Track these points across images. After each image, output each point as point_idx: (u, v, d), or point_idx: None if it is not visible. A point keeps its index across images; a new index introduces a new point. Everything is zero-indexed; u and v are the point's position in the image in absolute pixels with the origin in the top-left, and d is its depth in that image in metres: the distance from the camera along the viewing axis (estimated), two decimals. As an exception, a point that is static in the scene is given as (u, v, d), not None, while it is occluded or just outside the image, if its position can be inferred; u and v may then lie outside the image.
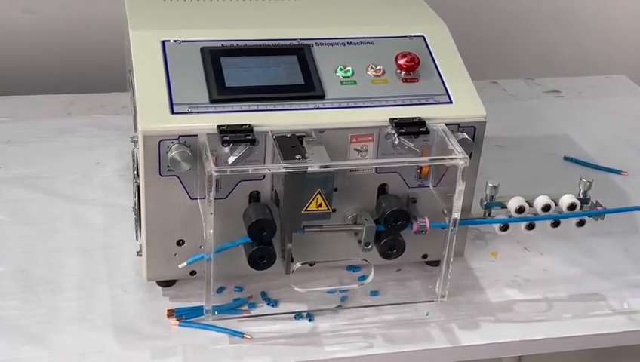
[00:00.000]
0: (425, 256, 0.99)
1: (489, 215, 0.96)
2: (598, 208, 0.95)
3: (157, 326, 0.91)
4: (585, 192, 0.96)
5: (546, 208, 0.94)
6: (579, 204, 0.95)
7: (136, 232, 0.97)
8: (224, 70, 0.91)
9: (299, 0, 1.03)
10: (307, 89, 0.92)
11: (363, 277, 0.99)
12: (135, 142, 0.94)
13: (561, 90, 1.42)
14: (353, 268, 1.01)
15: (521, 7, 1.52)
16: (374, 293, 0.97)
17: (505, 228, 0.96)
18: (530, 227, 0.96)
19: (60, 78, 1.37)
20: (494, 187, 0.95)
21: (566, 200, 0.95)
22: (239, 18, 0.99)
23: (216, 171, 0.83)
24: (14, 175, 1.13)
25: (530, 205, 0.95)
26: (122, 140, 1.16)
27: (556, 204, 0.95)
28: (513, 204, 0.95)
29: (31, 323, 0.91)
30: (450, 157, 0.88)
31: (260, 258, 0.89)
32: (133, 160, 0.95)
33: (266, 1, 1.02)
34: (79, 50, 1.38)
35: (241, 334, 0.91)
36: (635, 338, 0.95)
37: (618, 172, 1.19)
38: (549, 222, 0.96)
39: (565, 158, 1.22)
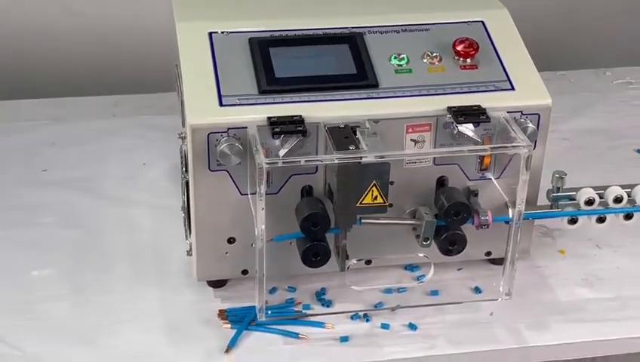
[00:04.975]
0: (488, 254, 1.01)
1: (556, 208, 0.96)
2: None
3: (208, 327, 0.94)
4: (660, 183, 0.97)
5: (618, 200, 0.95)
6: (654, 195, 0.97)
7: (185, 231, 1.00)
8: (273, 60, 0.94)
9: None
10: (360, 78, 0.94)
11: (422, 277, 1.01)
12: (183, 138, 0.98)
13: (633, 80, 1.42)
14: (411, 267, 1.03)
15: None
16: (434, 293, 0.99)
17: (574, 221, 0.96)
18: (601, 220, 0.96)
19: (105, 79, 1.42)
20: (561, 178, 0.96)
21: (640, 190, 0.97)
22: (287, 7, 1.02)
23: (267, 163, 0.85)
24: (60, 177, 1.18)
25: (601, 197, 0.95)
26: (168, 141, 1.20)
27: (629, 196, 0.95)
28: (582, 195, 0.95)
29: (81, 325, 0.95)
30: (513, 144, 0.89)
31: (314, 255, 0.91)
32: (182, 157, 0.98)
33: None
34: (123, 50, 1.43)
35: (296, 335, 0.93)
36: None
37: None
38: (621, 215, 0.96)
39: (639, 151, 1.23)
